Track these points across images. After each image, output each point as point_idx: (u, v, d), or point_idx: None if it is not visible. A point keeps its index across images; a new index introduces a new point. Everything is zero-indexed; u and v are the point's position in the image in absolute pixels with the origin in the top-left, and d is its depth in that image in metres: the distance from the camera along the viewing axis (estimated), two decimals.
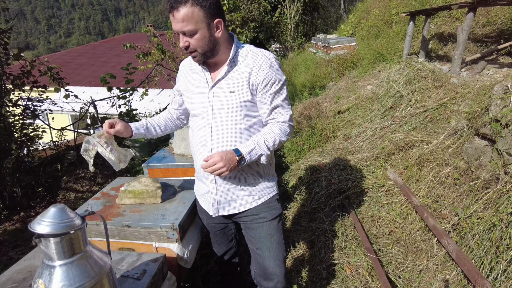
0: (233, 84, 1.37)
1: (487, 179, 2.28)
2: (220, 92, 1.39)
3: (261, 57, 1.36)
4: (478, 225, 2.04)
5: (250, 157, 1.33)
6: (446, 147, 2.92)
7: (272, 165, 1.62)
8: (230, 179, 1.47)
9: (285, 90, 1.42)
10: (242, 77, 1.36)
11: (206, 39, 1.29)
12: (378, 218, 2.76)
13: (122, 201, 1.98)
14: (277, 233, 1.56)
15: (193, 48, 1.30)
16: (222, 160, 1.28)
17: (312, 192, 3.20)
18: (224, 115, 1.39)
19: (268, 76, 1.35)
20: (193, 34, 1.26)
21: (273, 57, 1.39)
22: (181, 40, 1.29)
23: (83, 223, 1.01)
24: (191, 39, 1.27)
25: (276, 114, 1.42)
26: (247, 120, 1.40)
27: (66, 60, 16.88)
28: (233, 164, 1.30)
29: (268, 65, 1.35)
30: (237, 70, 1.38)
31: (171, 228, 1.74)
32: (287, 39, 13.91)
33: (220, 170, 1.29)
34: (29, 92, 4.45)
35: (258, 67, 1.34)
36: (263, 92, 1.37)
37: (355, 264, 2.32)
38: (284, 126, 1.42)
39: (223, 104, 1.38)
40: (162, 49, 8.27)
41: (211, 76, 1.42)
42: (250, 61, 1.37)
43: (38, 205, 4.23)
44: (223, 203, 1.51)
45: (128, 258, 1.53)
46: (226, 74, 1.38)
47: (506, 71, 3.93)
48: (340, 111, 4.67)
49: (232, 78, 1.37)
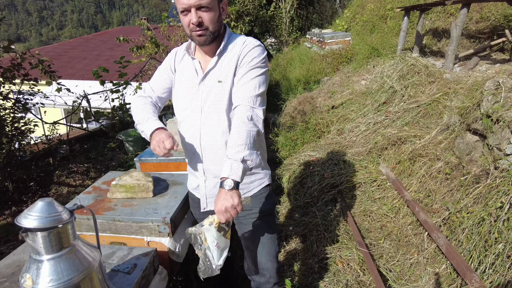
0: (221, 73, 1.35)
1: (477, 174, 2.31)
2: (209, 83, 1.36)
3: (249, 40, 1.36)
4: (468, 219, 2.06)
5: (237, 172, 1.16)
6: (438, 142, 2.94)
7: (264, 155, 1.57)
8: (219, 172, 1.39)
9: (263, 78, 1.32)
10: (230, 65, 1.34)
11: (216, 17, 1.27)
12: (370, 213, 2.78)
13: (113, 195, 1.97)
14: (269, 228, 1.55)
15: (206, 25, 1.25)
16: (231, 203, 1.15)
17: (305, 187, 3.21)
18: (213, 107, 1.35)
19: (251, 54, 1.31)
20: (208, 9, 1.23)
21: (262, 45, 1.38)
22: (193, 15, 1.22)
23: (71, 217, 1.00)
24: (204, 14, 1.23)
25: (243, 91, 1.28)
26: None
27: (58, 53, 16.64)
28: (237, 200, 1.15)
29: (253, 46, 1.33)
30: (225, 58, 1.36)
31: (162, 222, 1.74)
32: (282, 33, 13.84)
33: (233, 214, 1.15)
34: (20, 85, 4.38)
35: (243, 48, 1.33)
36: (241, 69, 1.31)
37: (347, 258, 2.34)
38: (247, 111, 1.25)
39: (211, 94, 1.35)
40: (156, 42, 8.19)
41: (202, 68, 1.39)
42: (238, 47, 1.35)
43: (30, 199, 4.19)
44: (212, 197, 1.49)
45: (119, 252, 1.52)
46: (216, 64, 1.36)
47: (498, 67, 3.96)
48: (334, 106, 4.67)
49: (221, 67, 1.35)
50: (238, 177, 1.15)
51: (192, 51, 1.42)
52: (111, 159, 5.67)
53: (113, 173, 2.36)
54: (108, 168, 5.06)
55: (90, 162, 5.47)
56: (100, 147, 6.04)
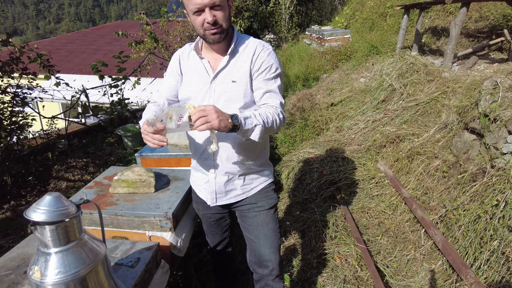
0: (235, 73, 1.37)
1: (474, 172, 2.34)
2: (221, 82, 1.38)
3: (260, 45, 1.39)
4: (464, 216, 2.10)
5: (245, 123, 1.20)
6: (436, 141, 2.97)
7: (267, 154, 1.63)
8: (229, 169, 1.47)
9: (280, 80, 1.42)
10: (244, 66, 1.36)
11: (228, 15, 1.30)
12: (368, 209, 2.81)
13: (115, 190, 1.98)
14: (273, 221, 1.59)
15: (220, 22, 1.27)
16: (217, 111, 1.15)
17: (304, 183, 3.24)
18: (225, 105, 1.37)
19: (266, 61, 1.36)
20: (221, 8, 1.25)
21: (271, 48, 1.42)
22: (208, 15, 1.24)
23: (78, 211, 1.02)
24: (218, 12, 1.26)
25: (268, 98, 1.38)
26: (246, 110, 1.39)
27: (56, 47, 16.52)
28: (225, 119, 1.15)
29: (267, 53, 1.37)
30: (238, 59, 1.38)
31: (164, 217, 1.76)
32: (281, 29, 13.82)
33: (209, 118, 1.12)
34: (18, 79, 4.36)
35: (258, 54, 1.36)
36: (259, 78, 1.37)
37: (345, 253, 2.38)
38: (276, 110, 1.35)
39: (225, 94, 1.37)
40: (155, 37, 8.16)
41: (211, 67, 1.40)
42: (251, 49, 1.38)
43: (28, 193, 4.19)
44: (221, 192, 1.52)
45: (122, 246, 1.54)
46: (227, 64, 1.38)
47: (496, 66, 3.99)
48: (333, 103, 4.70)
49: (235, 67, 1.37)
50: (244, 124, 1.19)
51: (199, 50, 1.43)
52: (110, 154, 5.67)
53: (115, 168, 2.37)
54: (107, 163, 5.06)
55: (88, 157, 5.46)
56: (98, 142, 6.04)
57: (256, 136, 1.25)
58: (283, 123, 1.40)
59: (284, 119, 1.41)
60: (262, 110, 1.33)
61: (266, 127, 1.27)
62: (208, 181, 1.53)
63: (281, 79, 1.43)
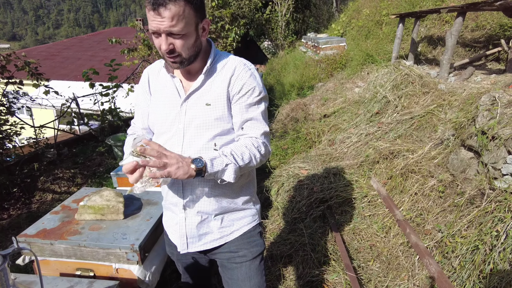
0: (210, 96, 1.19)
1: (472, 195, 2.19)
2: (194, 105, 1.20)
3: (241, 65, 1.21)
4: (462, 245, 1.94)
5: (212, 165, 1.07)
6: (432, 158, 2.83)
7: (253, 188, 1.40)
8: (202, 207, 1.25)
9: (264, 105, 1.24)
10: (221, 87, 1.19)
11: (191, 43, 1.11)
12: (359, 231, 2.65)
13: (81, 216, 1.82)
14: (257, 275, 1.34)
15: (178, 51, 1.10)
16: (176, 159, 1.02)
17: (294, 201, 3.08)
18: (197, 132, 1.20)
19: (248, 83, 1.19)
20: (182, 35, 1.08)
21: (254, 68, 1.24)
22: (163, 42, 1.08)
23: (3, 262, 0.86)
24: (177, 41, 1.08)
25: (248, 129, 1.21)
26: (223, 138, 1.22)
27: (52, 53, 16.43)
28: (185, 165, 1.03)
29: (248, 73, 1.20)
30: (215, 79, 1.20)
31: (131, 249, 1.60)
32: (277, 36, 13.75)
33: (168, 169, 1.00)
34: (4, 88, 4.21)
35: (237, 75, 1.19)
36: (240, 102, 1.20)
37: (333, 281, 2.21)
38: (257, 141, 1.20)
39: (197, 118, 1.19)
40: (149, 44, 8.04)
41: (183, 87, 1.23)
42: (229, 69, 1.20)
43: (12, 206, 4.03)
44: (193, 237, 1.28)
45: (78, 286, 1.38)
46: (202, 84, 1.20)
47: (493, 77, 3.86)
48: (326, 115, 4.56)
49: (209, 89, 1.20)
50: (211, 166, 1.06)
51: (170, 68, 1.24)
52: (99, 165, 5.52)
53: (87, 190, 2.21)
54: (95, 174, 4.90)
55: (77, 167, 5.31)
56: (89, 151, 5.89)
57: (230, 177, 1.11)
58: (267, 155, 1.24)
59: (269, 151, 1.24)
60: (238, 145, 1.17)
61: (241, 166, 1.12)
62: (177, 223, 1.28)
63: (265, 103, 1.25)
